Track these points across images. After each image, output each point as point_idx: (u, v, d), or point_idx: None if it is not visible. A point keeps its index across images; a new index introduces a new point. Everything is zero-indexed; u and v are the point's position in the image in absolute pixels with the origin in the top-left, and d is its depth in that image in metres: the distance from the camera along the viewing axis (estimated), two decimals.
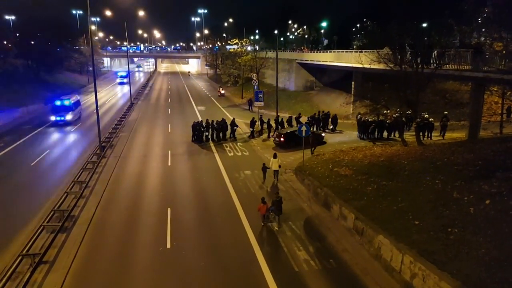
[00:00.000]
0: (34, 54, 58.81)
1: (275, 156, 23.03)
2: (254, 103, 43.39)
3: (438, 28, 24.05)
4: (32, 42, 59.83)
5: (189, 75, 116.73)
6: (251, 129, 34.02)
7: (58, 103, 41.18)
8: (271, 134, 33.19)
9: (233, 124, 33.86)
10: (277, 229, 17.06)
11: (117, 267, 14.35)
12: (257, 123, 34.74)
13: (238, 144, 31.85)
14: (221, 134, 33.00)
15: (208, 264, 14.38)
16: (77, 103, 44.42)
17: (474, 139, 23.35)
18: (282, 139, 29.66)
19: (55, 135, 36.07)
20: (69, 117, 40.55)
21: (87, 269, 14.22)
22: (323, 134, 31.42)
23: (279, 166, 22.70)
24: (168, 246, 15.73)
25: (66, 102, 41.52)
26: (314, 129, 33.24)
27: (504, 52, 18.07)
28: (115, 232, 17.01)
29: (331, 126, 35.07)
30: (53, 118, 40.17)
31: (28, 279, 13.06)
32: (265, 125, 34.90)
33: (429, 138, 28.98)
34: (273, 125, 34.48)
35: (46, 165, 26.71)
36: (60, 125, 39.72)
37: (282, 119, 35.63)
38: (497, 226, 12.34)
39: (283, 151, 28.41)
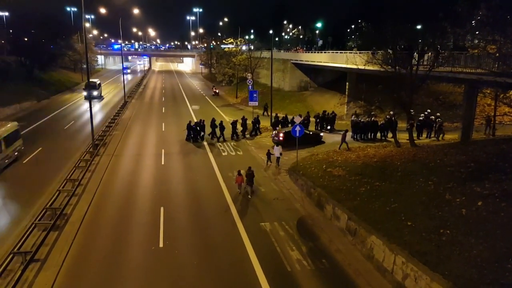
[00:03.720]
0: (27, 51, 58.23)
1: (277, 144, 26.50)
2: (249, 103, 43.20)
3: (432, 30, 24.13)
4: (26, 39, 59.18)
5: (177, 66, 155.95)
6: (276, 129, 33.71)
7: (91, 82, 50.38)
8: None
9: (221, 125, 33.82)
10: (250, 196, 20.40)
11: (109, 265, 14.28)
12: (249, 122, 34.91)
13: (232, 144, 31.82)
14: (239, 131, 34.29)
15: (200, 264, 14.35)
16: (99, 85, 61.43)
17: (467, 141, 23.47)
18: (281, 138, 29.50)
19: None
20: (95, 93, 56.28)
21: (79, 268, 14.15)
22: (321, 134, 31.59)
23: (281, 154, 25.64)
24: (161, 245, 15.68)
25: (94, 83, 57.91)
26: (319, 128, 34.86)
27: (497, 54, 18.18)
28: (108, 231, 16.93)
29: (329, 127, 35.32)
30: (84, 93, 54.59)
31: (19, 277, 12.97)
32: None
33: (438, 139, 28.84)
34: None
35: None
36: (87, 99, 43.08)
37: (292, 117, 35.57)
38: (489, 228, 12.44)
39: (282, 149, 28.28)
